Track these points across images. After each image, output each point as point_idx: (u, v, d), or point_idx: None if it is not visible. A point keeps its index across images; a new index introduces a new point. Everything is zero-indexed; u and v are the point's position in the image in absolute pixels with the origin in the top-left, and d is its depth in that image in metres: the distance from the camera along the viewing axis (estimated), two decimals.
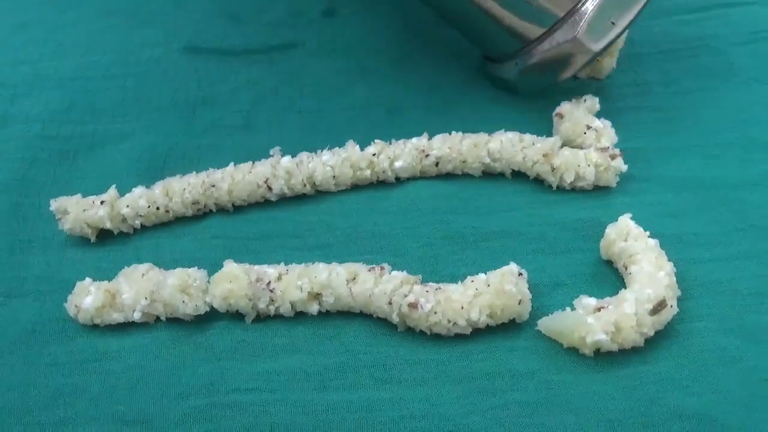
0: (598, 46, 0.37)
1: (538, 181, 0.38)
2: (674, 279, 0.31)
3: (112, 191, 0.37)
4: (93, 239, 0.37)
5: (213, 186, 0.37)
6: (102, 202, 0.36)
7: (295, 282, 0.32)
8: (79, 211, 0.36)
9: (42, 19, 0.53)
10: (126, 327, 0.33)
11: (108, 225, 0.36)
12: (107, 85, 0.47)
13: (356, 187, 0.38)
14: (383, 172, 0.38)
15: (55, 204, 0.36)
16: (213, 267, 0.34)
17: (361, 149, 0.38)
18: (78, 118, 0.44)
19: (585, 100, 0.40)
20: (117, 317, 0.33)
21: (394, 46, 0.47)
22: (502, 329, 0.31)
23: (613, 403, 0.28)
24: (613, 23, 0.37)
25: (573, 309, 0.30)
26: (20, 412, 0.30)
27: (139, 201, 0.37)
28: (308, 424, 0.29)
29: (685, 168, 0.38)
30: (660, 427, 0.28)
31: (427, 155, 0.38)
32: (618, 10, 0.36)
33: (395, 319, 0.31)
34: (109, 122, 0.44)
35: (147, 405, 0.30)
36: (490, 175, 0.38)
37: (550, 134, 0.39)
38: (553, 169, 0.37)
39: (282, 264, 0.33)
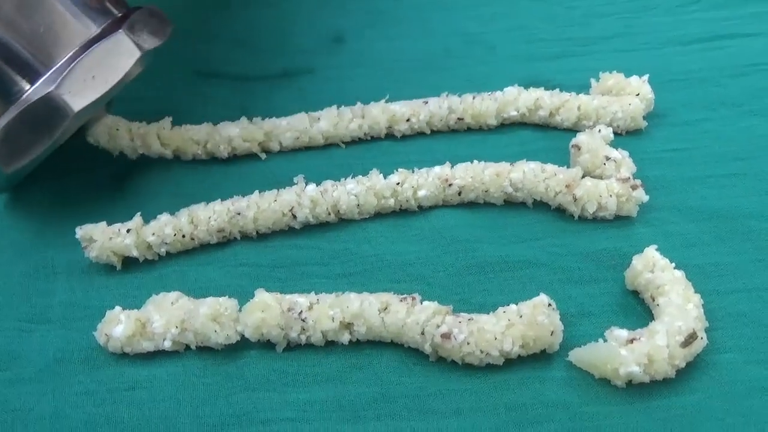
0: (79, 104, 0.34)
1: (560, 211, 0.38)
2: (702, 311, 0.31)
3: (138, 219, 0.37)
4: (119, 267, 0.37)
5: (238, 214, 0.37)
6: (128, 230, 0.36)
7: (326, 312, 0.32)
8: (105, 239, 0.36)
9: None
10: (155, 356, 0.33)
11: (134, 253, 0.36)
12: (117, 110, 0.47)
13: (379, 215, 0.39)
14: (407, 200, 0.38)
15: (80, 232, 0.36)
16: (239, 295, 0.34)
17: (384, 177, 0.39)
18: None
19: (600, 130, 0.40)
20: (147, 346, 0.33)
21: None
22: (534, 360, 0.31)
23: None
24: (93, 77, 0.35)
25: (604, 340, 0.31)
26: None
27: (164, 229, 0.37)
28: None
29: (702, 198, 0.39)
30: None
31: (450, 184, 0.38)
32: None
33: (428, 349, 0.31)
34: None
35: None
36: (511, 203, 0.39)
37: (564, 164, 0.40)
38: (575, 200, 0.37)
39: (312, 293, 0.33)
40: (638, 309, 0.33)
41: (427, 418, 0.30)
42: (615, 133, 0.42)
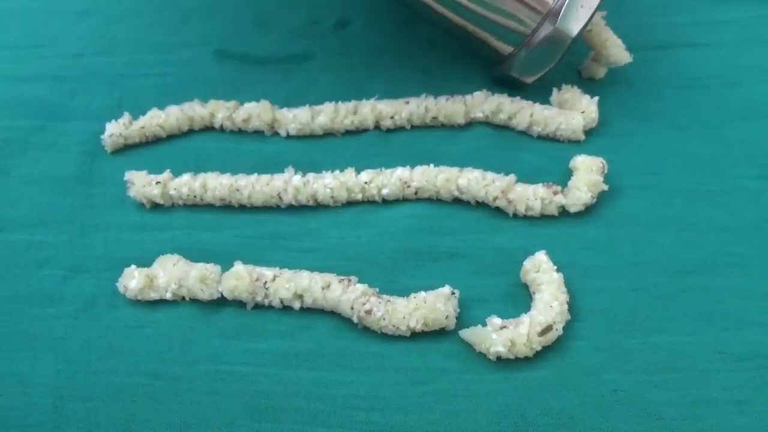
0: (575, 29, 0.47)
1: (498, 209, 0.46)
2: (566, 307, 0.40)
3: (167, 174, 0.48)
4: (148, 206, 0.48)
5: (238, 190, 0.47)
6: (157, 183, 0.48)
7: (284, 284, 0.42)
8: (141, 185, 0.48)
9: (99, 10, 0.61)
10: (160, 303, 0.43)
11: (159, 201, 0.48)
12: (149, 82, 0.55)
13: (350, 203, 0.48)
14: (372, 196, 0.47)
15: (128, 175, 0.48)
16: (226, 258, 0.43)
17: (358, 171, 0.47)
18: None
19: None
20: (153, 295, 0.43)
21: (401, 64, 0.56)
22: (434, 334, 0.40)
23: (502, 398, 0.38)
24: (582, 6, 0.46)
25: (485, 325, 0.40)
26: (81, 363, 0.41)
27: (183, 188, 0.47)
28: (283, 393, 0.39)
29: (613, 206, 0.46)
30: (532, 420, 0.37)
31: (408, 186, 0.47)
32: None
33: (355, 320, 0.41)
34: None
35: (171, 365, 0.40)
36: (459, 201, 0.47)
37: (509, 160, 0.48)
38: (509, 202, 0.45)
39: (276, 267, 0.43)
40: (526, 300, 0.42)
41: (346, 371, 0.40)
42: (558, 141, 0.50)
